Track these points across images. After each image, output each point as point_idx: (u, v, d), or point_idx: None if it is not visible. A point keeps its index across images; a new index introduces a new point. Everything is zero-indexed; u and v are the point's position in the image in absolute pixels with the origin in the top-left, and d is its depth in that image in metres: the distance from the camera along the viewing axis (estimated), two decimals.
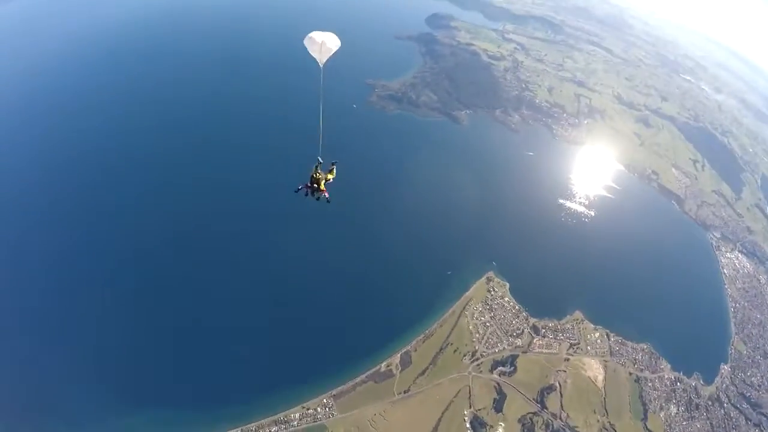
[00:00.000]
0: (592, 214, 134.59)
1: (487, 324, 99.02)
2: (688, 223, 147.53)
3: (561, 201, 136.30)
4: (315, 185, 28.37)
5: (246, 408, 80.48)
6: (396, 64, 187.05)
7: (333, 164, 30.15)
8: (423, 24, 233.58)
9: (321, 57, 27.36)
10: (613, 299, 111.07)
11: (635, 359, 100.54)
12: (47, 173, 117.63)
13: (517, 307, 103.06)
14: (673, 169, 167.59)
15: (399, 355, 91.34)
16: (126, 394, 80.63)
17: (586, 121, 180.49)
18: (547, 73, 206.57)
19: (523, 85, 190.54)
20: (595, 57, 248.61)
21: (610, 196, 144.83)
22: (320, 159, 29.43)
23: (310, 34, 26.68)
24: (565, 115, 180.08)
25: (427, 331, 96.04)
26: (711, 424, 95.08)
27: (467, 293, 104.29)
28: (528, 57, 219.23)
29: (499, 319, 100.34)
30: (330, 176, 29.44)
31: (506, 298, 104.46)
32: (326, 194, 28.49)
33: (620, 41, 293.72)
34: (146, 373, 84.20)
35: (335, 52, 27.57)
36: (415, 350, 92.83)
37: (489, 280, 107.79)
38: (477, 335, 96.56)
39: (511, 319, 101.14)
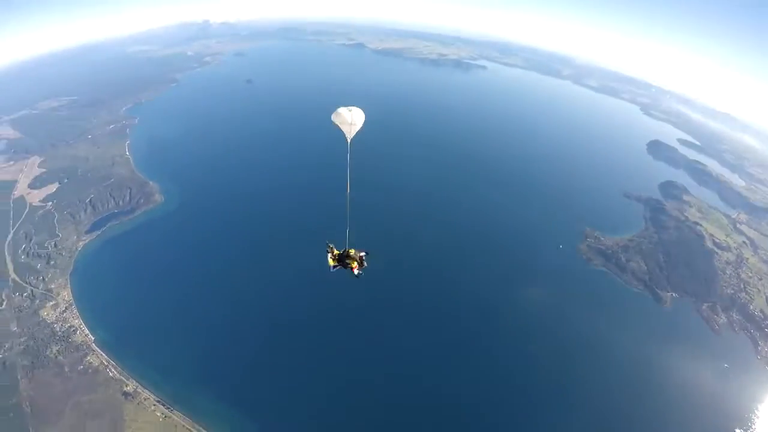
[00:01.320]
0: None
1: None
2: None
3: None
4: (345, 261, 30.92)
5: None
6: (616, 220, 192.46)
7: (365, 254, 31.44)
8: (655, 189, 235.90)
9: (349, 133, 29.86)
10: None
11: None
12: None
13: None
14: None
15: None
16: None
17: None
18: None
19: (742, 286, 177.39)
20: None
21: None
22: (329, 244, 31.85)
23: (339, 110, 29.36)
24: None
25: None
26: None
27: None
28: (755, 255, 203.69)
29: None
30: (356, 264, 30.84)
31: None
32: (356, 270, 30.72)
33: None
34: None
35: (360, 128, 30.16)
36: None
37: None
38: None
39: None
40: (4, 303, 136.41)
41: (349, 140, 29.66)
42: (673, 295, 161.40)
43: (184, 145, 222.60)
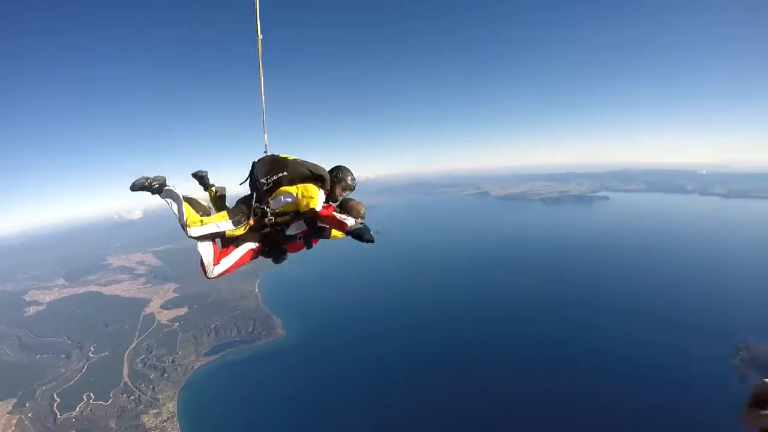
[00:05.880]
0: None
1: None
2: None
3: None
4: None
5: None
6: None
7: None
8: None
9: None
10: None
11: None
12: None
13: None
14: None
15: None
16: None
17: None
18: None
19: None
20: None
21: None
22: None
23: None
24: None
25: None
26: None
27: None
28: None
29: None
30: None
31: None
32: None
33: None
34: None
35: None
36: None
37: None
38: None
39: None
40: (110, 401, 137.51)
41: None
42: None
43: (312, 287, 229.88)
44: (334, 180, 11.56)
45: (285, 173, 10.89)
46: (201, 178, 12.25)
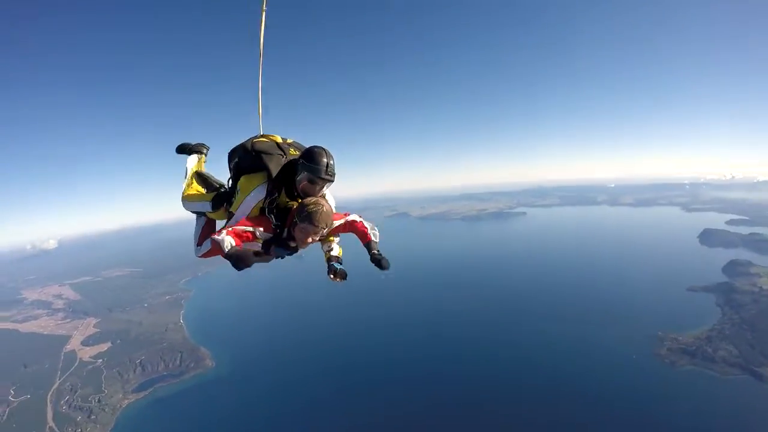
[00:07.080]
0: None
1: None
2: None
3: None
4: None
5: None
6: (689, 316, 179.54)
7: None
8: (719, 273, 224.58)
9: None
10: None
11: None
12: None
13: None
14: None
15: None
16: None
17: None
18: None
19: None
20: None
21: None
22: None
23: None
24: None
25: None
26: None
27: None
28: None
29: None
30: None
31: None
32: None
33: None
34: None
35: None
36: None
37: None
38: None
39: None
40: None
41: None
42: None
43: (237, 315, 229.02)
44: (296, 168, 8.27)
45: (237, 159, 8.99)
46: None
